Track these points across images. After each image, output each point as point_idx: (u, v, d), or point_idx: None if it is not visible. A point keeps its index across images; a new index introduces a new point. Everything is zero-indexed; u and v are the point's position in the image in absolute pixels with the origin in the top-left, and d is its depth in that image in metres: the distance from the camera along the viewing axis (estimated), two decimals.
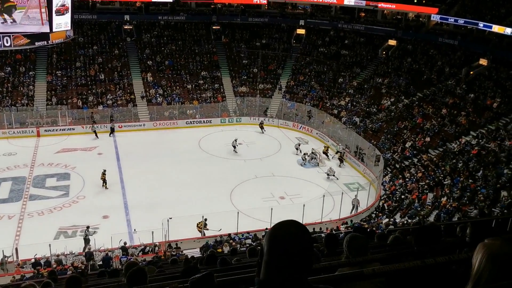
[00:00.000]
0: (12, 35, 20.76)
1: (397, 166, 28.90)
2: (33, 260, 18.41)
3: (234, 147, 31.54)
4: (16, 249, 19.16)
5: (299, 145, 32.28)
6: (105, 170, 25.86)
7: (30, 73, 37.26)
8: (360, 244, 3.48)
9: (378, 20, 44.46)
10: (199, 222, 21.79)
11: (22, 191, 25.40)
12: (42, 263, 18.21)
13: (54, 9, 20.43)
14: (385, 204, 25.27)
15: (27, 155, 29.69)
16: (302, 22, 44.86)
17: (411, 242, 4.76)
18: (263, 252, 1.81)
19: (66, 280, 3.69)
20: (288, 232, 1.77)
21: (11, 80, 36.39)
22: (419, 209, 23.62)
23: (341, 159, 30.51)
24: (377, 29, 42.74)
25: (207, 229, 21.74)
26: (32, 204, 24.17)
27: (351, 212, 24.44)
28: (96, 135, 33.42)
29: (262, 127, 35.58)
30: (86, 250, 19.12)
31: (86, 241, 20.13)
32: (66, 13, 21.72)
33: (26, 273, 17.31)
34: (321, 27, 44.68)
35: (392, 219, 22.46)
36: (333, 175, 28.05)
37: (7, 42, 20.86)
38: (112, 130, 34.00)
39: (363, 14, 45.32)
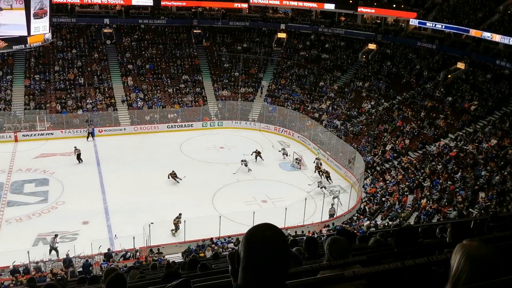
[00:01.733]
0: None
1: (378, 168, 29.20)
2: (11, 267, 18.02)
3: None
4: None
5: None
6: (180, 214, 22.36)
7: (8, 77, 36.59)
8: (341, 246, 3.49)
9: (358, 24, 44.95)
10: (176, 218, 22.13)
11: (0, 197, 24.88)
12: (21, 270, 17.85)
13: (32, 12, 20.14)
14: (366, 207, 25.50)
15: (4, 161, 29.10)
16: (283, 26, 45.11)
17: (391, 244, 4.81)
18: (239, 257, 1.80)
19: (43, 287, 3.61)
20: (264, 236, 1.77)
21: None
22: (399, 211, 23.90)
23: (320, 170, 28.84)
24: (357, 33, 43.21)
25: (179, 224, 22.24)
26: (10, 210, 23.70)
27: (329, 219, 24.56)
28: (88, 137, 33.36)
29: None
30: (65, 256, 18.81)
31: (54, 249, 19.63)
32: (45, 16, 21.45)
33: (4, 281, 16.93)
34: (301, 31, 44.96)
35: (373, 222, 22.67)
36: (324, 188, 26.85)
37: None
38: (90, 134, 33.53)
39: (343, 18, 45.78)
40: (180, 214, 22.19)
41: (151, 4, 42.78)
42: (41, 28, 21.61)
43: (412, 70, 37.27)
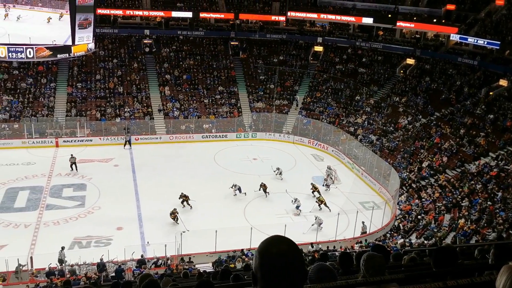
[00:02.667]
0: (35, 47, 21.26)
1: (414, 186, 28.54)
2: (47, 269, 18.52)
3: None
4: (31, 258, 19.29)
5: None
6: (175, 209, 23.96)
7: (51, 84, 37.97)
8: (377, 263, 3.42)
9: (396, 38, 44.42)
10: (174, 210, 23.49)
11: (39, 201, 25.70)
12: (56, 273, 18.29)
13: (77, 22, 20.88)
14: (400, 224, 24.92)
15: (45, 165, 30.08)
16: (320, 40, 45.07)
17: (429, 263, 4.67)
18: (256, 276, 1.75)
19: None
20: (279, 251, 1.73)
21: (32, 91, 37.11)
22: (435, 230, 23.23)
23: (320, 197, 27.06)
24: (395, 48, 42.70)
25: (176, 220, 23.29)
26: (48, 213, 24.41)
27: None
28: (125, 145, 34.11)
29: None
30: (99, 260, 19.16)
31: (60, 261, 19.56)
32: (89, 27, 22.19)
33: (40, 282, 17.39)
34: (339, 44, 44.79)
35: (407, 240, 22.11)
36: (319, 225, 23.88)
37: (30, 54, 21.41)
38: (128, 142, 34.26)
39: (381, 33, 45.36)
40: (175, 209, 23.72)
41: (190, 16, 43.62)
42: (85, 38, 22.38)
43: (452, 86, 36.44)
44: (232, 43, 44.66)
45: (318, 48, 44.57)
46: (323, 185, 28.72)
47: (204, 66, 42.47)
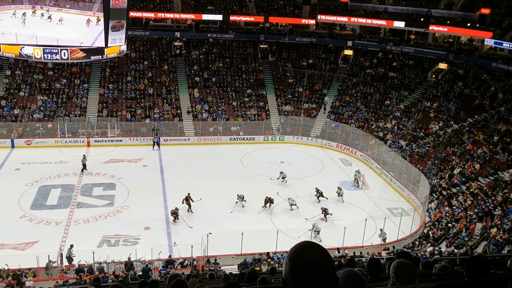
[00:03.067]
0: (70, 49, 21.79)
1: (444, 193, 27.92)
2: (76, 266, 18.91)
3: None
4: (61, 255, 19.75)
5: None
6: (177, 209, 24.33)
7: (84, 85, 38.87)
8: (408, 271, 3.34)
9: (428, 43, 43.64)
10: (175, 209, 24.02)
11: (70, 199, 26.29)
12: (85, 270, 18.66)
13: (110, 25, 21.29)
14: (430, 232, 24.40)
15: (77, 164, 30.72)
16: (350, 43, 44.69)
17: (461, 273, 4.55)
18: (286, 283, 1.73)
19: None
20: (310, 257, 1.71)
21: (66, 91, 38.08)
22: (466, 239, 22.64)
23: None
24: (427, 52, 41.93)
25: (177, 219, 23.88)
26: (79, 211, 24.96)
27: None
28: (153, 146, 34.53)
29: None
30: (126, 259, 19.44)
31: (69, 259, 19.84)
32: (121, 29, 22.58)
33: (69, 279, 17.77)
34: (369, 48, 44.32)
35: (437, 248, 21.63)
36: (317, 233, 23.28)
37: (64, 55, 21.93)
38: (156, 144, 34.68)
39: (413, 37, 44.63)
40: (176, 209, 24.13)
41: (221, 19, 43.96)
42: (118, 40, 22.78)
43: (486, 91, 35.51)
44: (261, 46, 44.77)
45: (348, 52, 44.20)
46: (338, 196, 27.80)
47: (233, 69, 42.70)
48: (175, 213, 24.06)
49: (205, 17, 43.85)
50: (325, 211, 25.32)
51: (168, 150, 34.65)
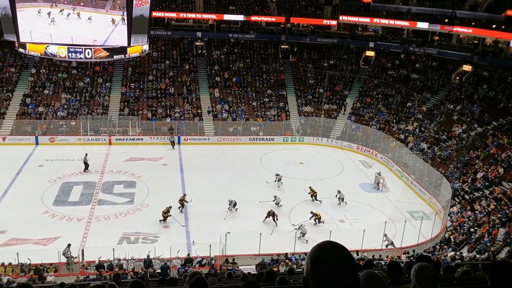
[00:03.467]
0: (94, 48, 22.10)
1: (467, 197, 27.43)
2: (97, 262, 19.17)
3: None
4: (83, 251, 20.05)
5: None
6: (170, 207, 24.22)
7: (107, 84, 39.42)
8: (430, 274, 3.29)
9: (452, 44, 42.97)
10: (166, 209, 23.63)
11: (92, 196, 26.69)
12: (105, 266, 18.90)
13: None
14: (451, 236, 24.01)
15: (98, 162, 31.20)
16: (371, 44, 44.30)
17: (483, 278, 4.46)
18: (307, 283, 1.72)
19: (130, 284, 3.79)
20: (331, 257, 1.70)
21: (89, 90, 38.67)
22: (488, 244, 22.20)
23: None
24: (451, 54, 41.30)
25: (169, 215, 23.70)
26: (100, 208, 25.31)
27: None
28: (173, 145, 34.73)
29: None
30: (145, 257, 19.63)
31: (68, 258, 19.71)
32: (143, 32, 22.81)
33: (89, 275, 18.02)
34: (391, 49, 43.86)
35: (458, 253, 21.27)
36: (303, 235, 22.77)
37: (88, 54, 22.26)
38: (172, 143, 34.92)
39: (436, 38, 44.00)
40: (170, 207, 23.89)
41: (242, 19, 44.06)
42: (140, 40, 23.03)
43: (511, 94, 34.78)
44: (282, 46, 44.72)
45: (370, 53, 43.82)
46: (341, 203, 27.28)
47: (253, 69, 42.75)
48: (167, 212, 23.70)
49: (227, 17, 44.02)
50: (316, 216, 24.26)
51: (188, 149, 34.86)
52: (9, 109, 36.23)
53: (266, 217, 24.26)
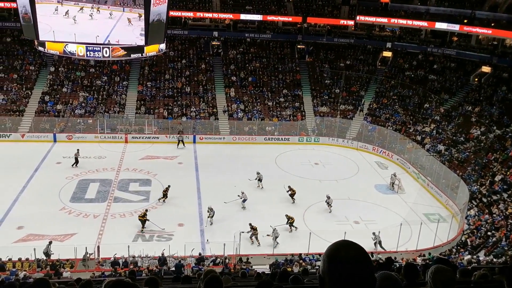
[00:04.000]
0: (111, 47, 22.31)
1: (484, 200, 27.03)
2: (112, 259, 19.36)
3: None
4: (98, 247, 20.28)
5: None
6: (146, 210, 23.93)
7: (124, 82, 39.79)
8: (447, 277, 3.26)
9: (471, 45, 42.36)
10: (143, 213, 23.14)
11: (108, 193, 26.96)
12: (120, 263, 19.08)
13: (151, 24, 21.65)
14: (468, 240, 23.68)
15: (115, 159, 31.51)
16: (389, 45, 43.92)
17: (500, 281, 4.39)
18: (324, 281, 1.72)
19: (146, 281, 3.81)
20: (348, 256, 1.69)
21: (106, 88, 39.08)
22: (506, 248, 21.84)
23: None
24: (470, 55, 40.72)
25: (146, 220, 22.96)
26: (115, 205, 25.55)
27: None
28: (183, 144, 34.88)
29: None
30: (160, 255, 19.76)
31: (47, 255, 19.76)
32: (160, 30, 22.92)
33: (105, 271, 18.21)
34: (409, 50, 43.42)
35: (475, 257, 20.97)
36: (275, 239, 22.11)
37: (106, 53, 22.47)
38: (181, 142, 34.98)
39: (455, 39, 43.43)
40: (146, 210, 23.53)
41: (259, 18, 44.05)
42: (157, 39, 23.15)
43: None
44: (298, 46, 44.60)
45: (387, 54, 43.46)
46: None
47: (269, 69, 42.73)
48: (144, 216, 23.12)
49: (243, 16, 44.03)
50: (290, 221, 23.60)
51: (203, 148, 35.00)
52: (28, 107, 36.81)
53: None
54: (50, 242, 20.23)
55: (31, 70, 39.44)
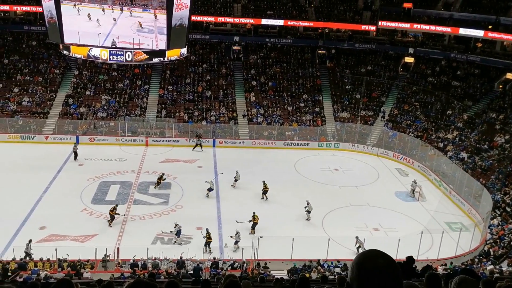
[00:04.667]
0: (134, 51, 22.58)
1: (508, 209, 26.45)
2: (131, 261, 19.52)
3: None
4: (118, 249, 20.47)
5: (210, 183, 27.84)
6: (116, 205, 24.39)
7: (145, 86, 40.24)
8: (471, 287, 3.18)
9: (496, 51, 41.63)
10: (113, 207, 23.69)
11: (128, 195, 27.22)
12: (139, 265, 19.22)
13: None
14: (490, 250, 23.19)
15: (135, 162, 31.83)
16: (411, 50, 43.44)
17: None
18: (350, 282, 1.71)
19: (166, 284, 3.83)
20: (376, 265, 1.68)
21: (128, 92, 39.57)
22: None
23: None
24: (494, 61, 40.01)
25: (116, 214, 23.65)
26: (135, 208, 25.79)
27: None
28: (199, 147, 35.06)
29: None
30: (179, 258, 19.83)
31: (27, 254, 19.76)
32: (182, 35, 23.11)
33: (124, 273, 18.36)
34: (431, 56, 42.89)
35: (497, 266, 20.51)
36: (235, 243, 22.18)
37: (128, 57, 22.75)
38: (199, 145, 35.15)
39: (479, 45, 42.74)
40: (116, 205, 24.14)
41: (280, 24, 44.06)
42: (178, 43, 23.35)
43: None
44: (319, 51, 44.48)
45: (409, 59, 43.00)
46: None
47: (290, 74, 42.69)
48: (113, 210, 23.66)
49: (265, 22, 44.06)
50: (254, 220, 23.54)
51: (223, 152, 35.10)
52: (52, 109, 37.51)
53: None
54: (30, 241, 20.24)
55: (56, 73, 40.22)
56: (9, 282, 10.98)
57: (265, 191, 27.22)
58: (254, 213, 23.93)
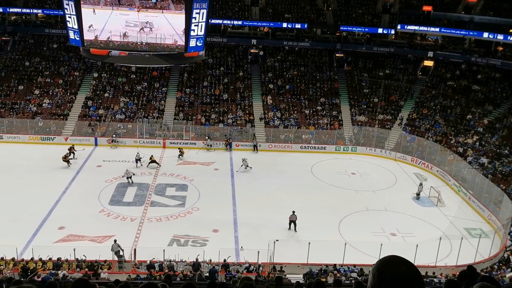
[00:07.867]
0: (152, 54, 22.77)
1: None
2: (148, 262, 19.64)
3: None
4: (135, 250, 20.62)
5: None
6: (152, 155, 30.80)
7: (163, 89, 40.55)
8: None
9: None
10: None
11: (145, 197, 27.43)
12: (156, 266, 19.33)
13: (191, 32, 22.02)
14: (510, 257, 22.72)
15: (152, 164, 32.03)
16: (430, 54, 42.94)
17: None
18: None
19: (183, 286, 3.83)
20: (398, 272, 1.64)
21: (146, 94, 39.93)
22: None
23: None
24: None
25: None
26: (152, 209, 25.96)
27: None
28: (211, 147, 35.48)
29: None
30: (194, 260, 19.89)
31: (117, 254, 20.07)
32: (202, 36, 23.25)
33: (140, 274, 18.49)
34: (451, 59, 42.35)
35: None
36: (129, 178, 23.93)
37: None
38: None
39: (500, 48, 42.06)
40: (72, 146, 26.75)
41: (298, 27, 43.99)
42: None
43: None
44: (337, 55, 44.27)
45: (428, 63, 42.52)
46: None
47: (307, 77, 42.58)
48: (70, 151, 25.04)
49: (284, 25, 44.04)
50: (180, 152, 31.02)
51: (240, 155, 35.10)
52: (72, 111, 38.05)
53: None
54: (115, 241, 20.45)
55: (76, 75, 40.81)
56: (28, 282, 11.14)
57: (181, 153, 31.75)
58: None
